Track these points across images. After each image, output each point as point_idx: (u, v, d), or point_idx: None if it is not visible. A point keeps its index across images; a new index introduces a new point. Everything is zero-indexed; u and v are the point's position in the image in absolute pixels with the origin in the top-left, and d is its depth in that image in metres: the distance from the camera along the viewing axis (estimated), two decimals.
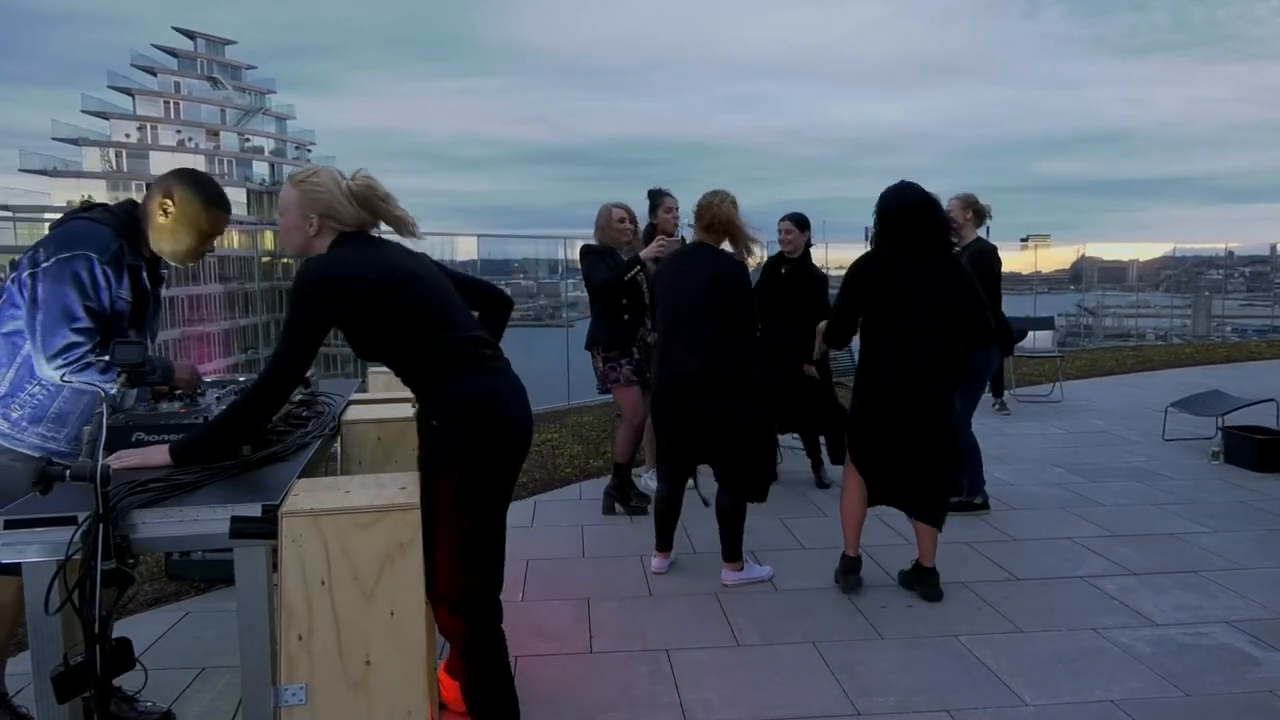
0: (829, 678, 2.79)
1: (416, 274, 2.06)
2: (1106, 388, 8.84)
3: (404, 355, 2.06)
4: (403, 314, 2.00)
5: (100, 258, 2.16)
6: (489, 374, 2.07)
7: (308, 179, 2.04)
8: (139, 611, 3.31)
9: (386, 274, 1.99)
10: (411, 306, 2.01)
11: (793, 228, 4.92)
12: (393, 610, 1.74)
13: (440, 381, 2.03)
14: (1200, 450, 5.88)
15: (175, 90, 54.90)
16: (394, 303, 1.98)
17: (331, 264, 1.98)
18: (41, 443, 2.21)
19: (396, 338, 2.02)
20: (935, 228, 3.26)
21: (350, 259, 1.99)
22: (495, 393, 2.06)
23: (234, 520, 1.68)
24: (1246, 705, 2.61)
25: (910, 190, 3.28)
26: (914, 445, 3.27)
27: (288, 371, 1.95)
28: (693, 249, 3.57)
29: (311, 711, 1.69)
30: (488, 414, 2.03)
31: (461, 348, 2.05)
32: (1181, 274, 17.27)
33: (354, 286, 1.95)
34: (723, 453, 3.44)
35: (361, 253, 2.01)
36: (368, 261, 1.99)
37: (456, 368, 2.03)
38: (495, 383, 2.07)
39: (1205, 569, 3.72)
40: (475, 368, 2.05)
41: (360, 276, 1.96)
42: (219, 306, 34.95)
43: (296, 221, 2.03)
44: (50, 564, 1.61)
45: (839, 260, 13.53)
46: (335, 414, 2.57)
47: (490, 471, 2.04)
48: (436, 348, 2.02)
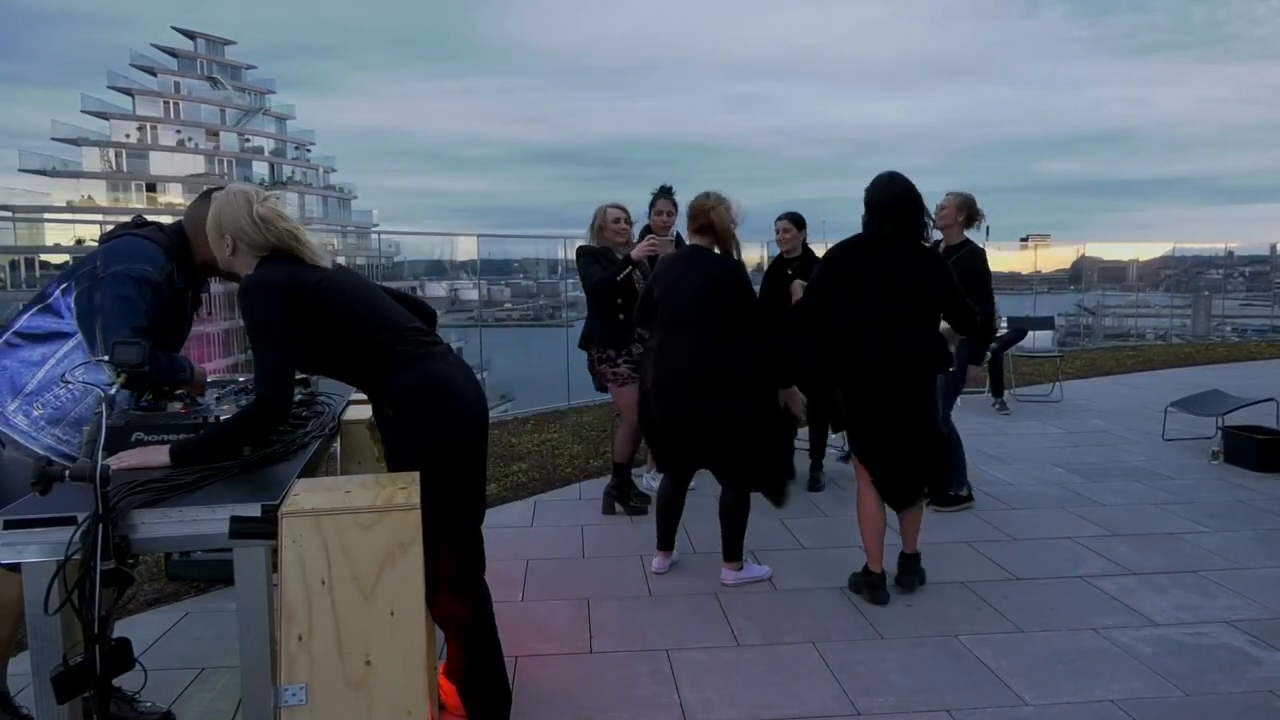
0: (829, 678, 2.79)
1: (343, 281, 2.15)
2: (1106, 387, 8.85)
3: (348, 358, 2.14)
4: (339, 318, 2.09)
5: (158, 274, 2.25)
6: (433, 359, 2.17)
7: (224, 199, 2.11)
8: (139, 611, 3.31)
9: (315, 282, 2.07)
10: (346, 310, 2.10)
11: (790, 226, 4.92)
12: (393, 610, 1.74)
13: (389, 373, 2.11)
14: (1200, 450, 5.88)
15: (175, 90, 54.87)
16: (330, 308, 2.07)
17: (262, 276, 2.06)
18: (56, 444, 2.23)
19: (338, 343, 2.10)
20: (917, 217, 3.28)
21: (276, 273, 2.06)
22: (443, 374, 2.16)
23: (234, 520, 1.68)
24: (1246, 705, 2.61)
25: (898, 179, 3.30)
26: (896, 432, 3.26)
27: (276, 379, 2.00)
28: (688, 252, 3.58)
29: (311, 711, 1.69)
30: (440, 394, 2.13)
31: (402, 339, 2.15)
32: (1181, 274, 17.27)
33: (286, 293, 2.02)
34: (721, 450, 3.43)
35: (286, 267, 2.08)
36: (294, 273, 2.07)
37: (401, 359, 2.12)
38: (439, 365, 2.18)
39: (1205, 569, 3.72)
40: (419, 355, 2.15)
41: (290, 285, 2.03)
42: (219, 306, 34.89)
43: (215, 238, 2.12)
44: (50, 564, 1.61)
45: None
46: (335, 414, 2.57)
47: (454, 447, 2.13)
48: (378, 345, 2.11)
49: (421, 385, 2.11)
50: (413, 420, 2.10)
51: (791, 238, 4.92)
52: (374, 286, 2.27)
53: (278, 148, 60.09)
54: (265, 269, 2.07)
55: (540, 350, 10.04)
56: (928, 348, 3.25)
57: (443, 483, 2.07)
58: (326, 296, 2.06)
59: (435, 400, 2.11)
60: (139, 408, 2.22)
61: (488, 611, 2.31)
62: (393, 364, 2.11)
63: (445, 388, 2.14)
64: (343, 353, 2.12)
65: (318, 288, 2.05)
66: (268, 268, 2.07)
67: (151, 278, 2.23)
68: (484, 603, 2.30)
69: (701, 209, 3.49)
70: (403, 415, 2.10)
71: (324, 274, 2.11)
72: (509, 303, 21.46)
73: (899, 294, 3.20)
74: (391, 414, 2.10)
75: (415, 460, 2.05)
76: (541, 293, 15.52)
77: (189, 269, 2.38)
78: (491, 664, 2.31)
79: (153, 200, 51.10)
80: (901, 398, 3.22)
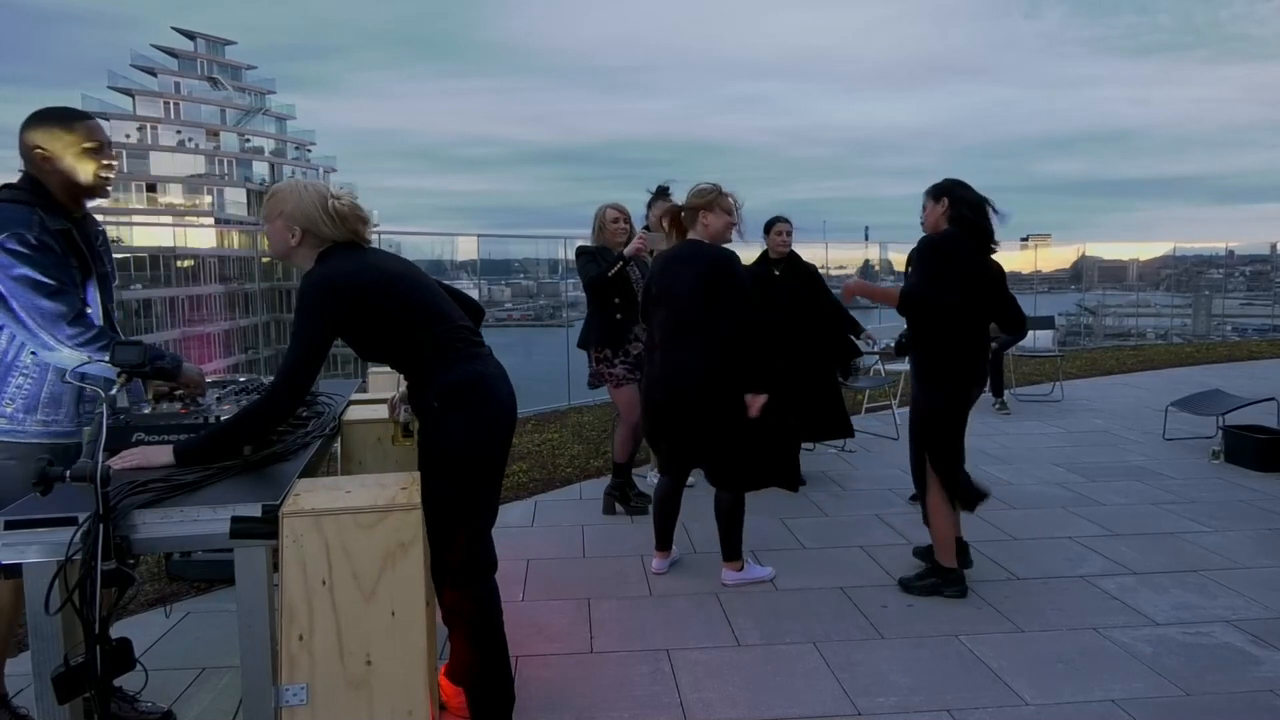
0: (829, 678, 2.79)
1: (405, 274, 2.21)
2: (1106, 387, 8.84)
3: (403, 349, 2.19)
4: (400, 311, 2.14)
5: (29, 231, 2.11)
6: (479, 360, 2.25)
7: (296, 191, 2.14)
8: (139, 611, 3.31)
9: (380, 276, 2.12)
10: (407, 303, 2.15)
11: (792, 229, 4.92)
12: (393, 610, 1.74)
13: (437, 368, 2.17)
14: (1200, 450, 5.88)
15: (175, 90, 54.90)
16: (391, 301, 2.13)
17: (328, 274, 2.09)
18: (44, 429, 2.21)
19: (396, 334, 2.15)
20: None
21: (344, 267, 2.11)
22: (486, 376, 2.23)
23: (234, 520, 1.68)
24: (1246, 705, 2.61)
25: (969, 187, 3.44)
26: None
27: (296, 380, 2.04)
28: (681, 247, 3.55)
29: (312, 711, 1.69)
30: (481, 395, 2.20)
31: (454, 336, 2.21)
32: (1182, 273, 17.25)
33: (353, 292, 2.08)
34: (714, 449, 3.43)
35: (352, 260, 2.13)
36: (360, 268, 2.12)
37: (451, 355, 2.19)
38: (484, 367, 2.25)
39: (1205, 568, 3.72)
40: (467, 354, 2.22)
41: (357, 283, 2.09)
42: (219, 306, 34.94)
43: (281, 230, 2.15)
44: (50, 564, 1.61)
45: (839, 260, 13.51)
46: (335, 414, 2.57)
47: (484, 447, 2.22)
48: (432, 338, 2.17)
49: (466, 383, 2.18)
50: (451, 416, 2.17)
51: (789, 240, 4.94)
52: (430, 281, 2.30)
53: (278, 148, 60.09)
54: (327, 265, 2.11)
55: (540, 350, 10.04)
56: None
57: (465, 480, 2.18)
58: (385, 292, 2.11)
59: (475, 400, 2.19)
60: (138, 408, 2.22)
61: (495, 611, 2.32)
62: (442, 360, 2.17)
63: (486, 390, 2.22)
64: (397, 344, 2.17)
65: (376, 284, 2.10)
66: (330, 263, 2.11)
67: (28, 238, 2.10)
68: (491, 602, 2.31)
69: (694, 207, 3.48)
70: (445, 409, 2.17)
71: (384, 269, 2.15)
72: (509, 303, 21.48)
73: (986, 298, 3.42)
74: (436, 405, 2.17)
75: (446, 453, 2.16)
76: (542, 293, 15.52)
77: (56, 206, 2.24)
78: (496, 665, 2.32)
79: (153, 200, 51.12)
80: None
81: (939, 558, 3.47)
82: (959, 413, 3.40)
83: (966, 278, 3.33)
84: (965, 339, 3.37)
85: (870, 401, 7.24)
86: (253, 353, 28.43)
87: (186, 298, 34.73)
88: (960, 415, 3.41)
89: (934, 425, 3.39)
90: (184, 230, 43.33)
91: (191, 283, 36.47)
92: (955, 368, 3.37)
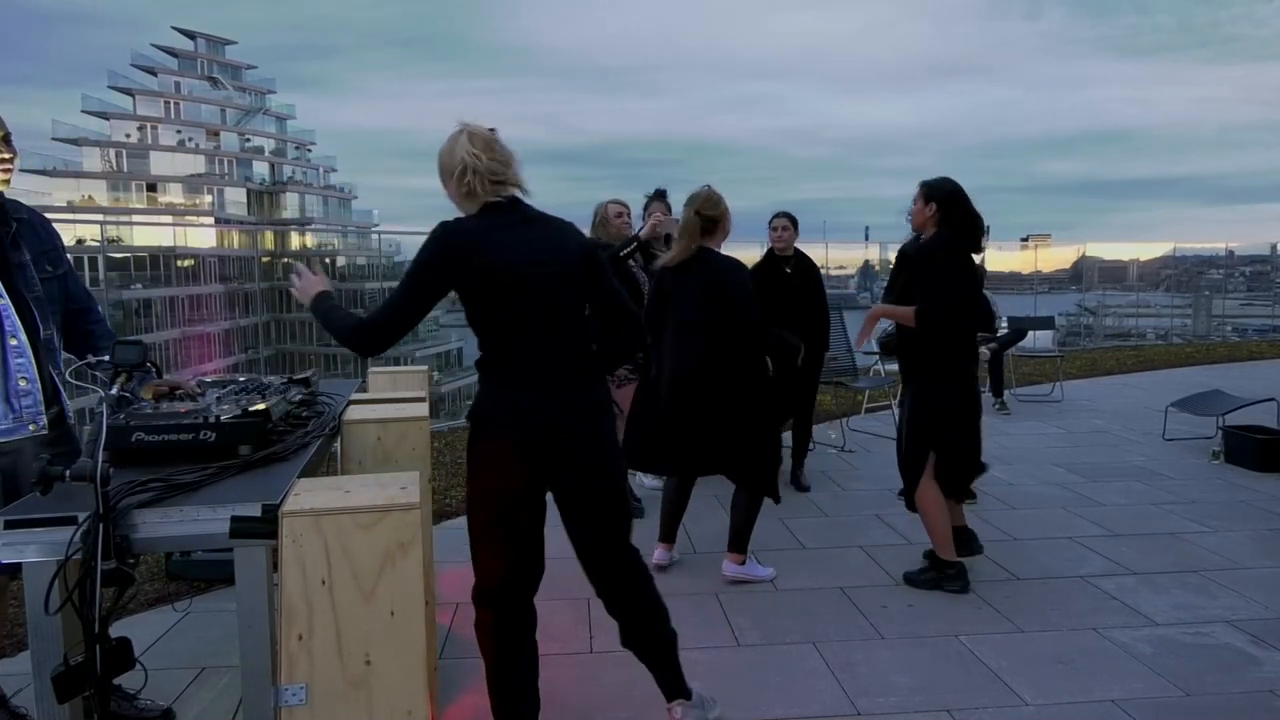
0: (829, 678, 2.79)
1: (521, 275, 2.07)
2: (1106, 387, 8.84)
3: (480, 340, 2.15)
4: (475, 305, 2.09)
5: None
6: (520, 389, 2.10)
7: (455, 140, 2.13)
8: (139, 611, 3.31)
9: (487, 265, 2.05)
10: (487, 301, 2.08)
11: (789, 225, 4.91)
12: (393, 610, 1.74)
13: (483, 379, 2.15)
14: (1200, 450, 5.88)
15: (175, 90, 54.89)
16: (476, 290, 2.07)
17: (451, 230, 2.08)
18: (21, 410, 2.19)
19: (475, 322, 2.12)
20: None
21: (469, 232, 2.08)
22: (512, 404, 2.11)
23: (234, 520, 1.68)
24: (1246, 705, 2.61)
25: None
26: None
27: (387, 319, 2.07)
28: (692, 256, 3.54)
29: (311, 711, 1.69)
30: (493, 423, 2.12)
31: (510, 355, 2.11)
32: (1182, 274, 17.26)
33: (452, 260, 2.05)
34: (736, 455, 3.44)
35: (488, 231, 2.08)
36: (481, 245, 2.06)
37: (498, 371, 2.13)
38: (517, 396, 2.11)
39: (1206, 568, 3.72)
40: (511, 377, 2.11)
41: (459, 258, 2.05)
42: (219, 306, 34.97)
43: (447, 180, 2.15)
44: (50, 564, 1.61)
45: (839, 260, 13.51)
46: (335, 414, 2.57)
47: (492, 473, 2.12)
48: (497, 348, 2.12)
49: (488, 401, 2.13)
50: (472, 430, 2.17)
51: (789, 236, 4.91)
52: (558, 289, 2.12)
53: (278, 148, 60.08)
54: (462, 224, 2.10)
55: None
56: None
57: (470, 501, 2.20)
58: (483, 281, 2.06)
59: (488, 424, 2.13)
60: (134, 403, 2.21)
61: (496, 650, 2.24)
62: (489, 374, 2.14)
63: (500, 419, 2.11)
64: (478, 330, 2.14)
65: (483, 270, 2.05)
66: (468, 222, 2.11)
67: None
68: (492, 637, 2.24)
69: (712, 214, 3.47)
70: (471, 424, 2.17)
71: (513, 256, 2.06)
72: None
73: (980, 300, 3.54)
74: (467, 419, 2.21)
75: (469, 463, 2.19)
76: None
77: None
78: (496, 676, 2.25)
79: (153, 200, 51.12)
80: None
81: (938, 552, 3.48)
82: (972, 407, 3.46)
83: (966, 278, 3.36)
84: (966, 337, 3.45)
85: (870, 401, 7.24)
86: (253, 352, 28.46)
87: (186, 297, 34.75)
88: (973, 410, 3.46)
89: (948, 422, 3.42)
90: (184, 230, 43.34)
91: (191, 282, 36.49)
92: (961, 364, 3.42)
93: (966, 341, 3.46)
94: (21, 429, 2.21)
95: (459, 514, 4.60)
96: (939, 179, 3.45)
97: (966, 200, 3.40)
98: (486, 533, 2.18)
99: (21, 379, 2.20)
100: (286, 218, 56.20)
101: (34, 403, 2.23)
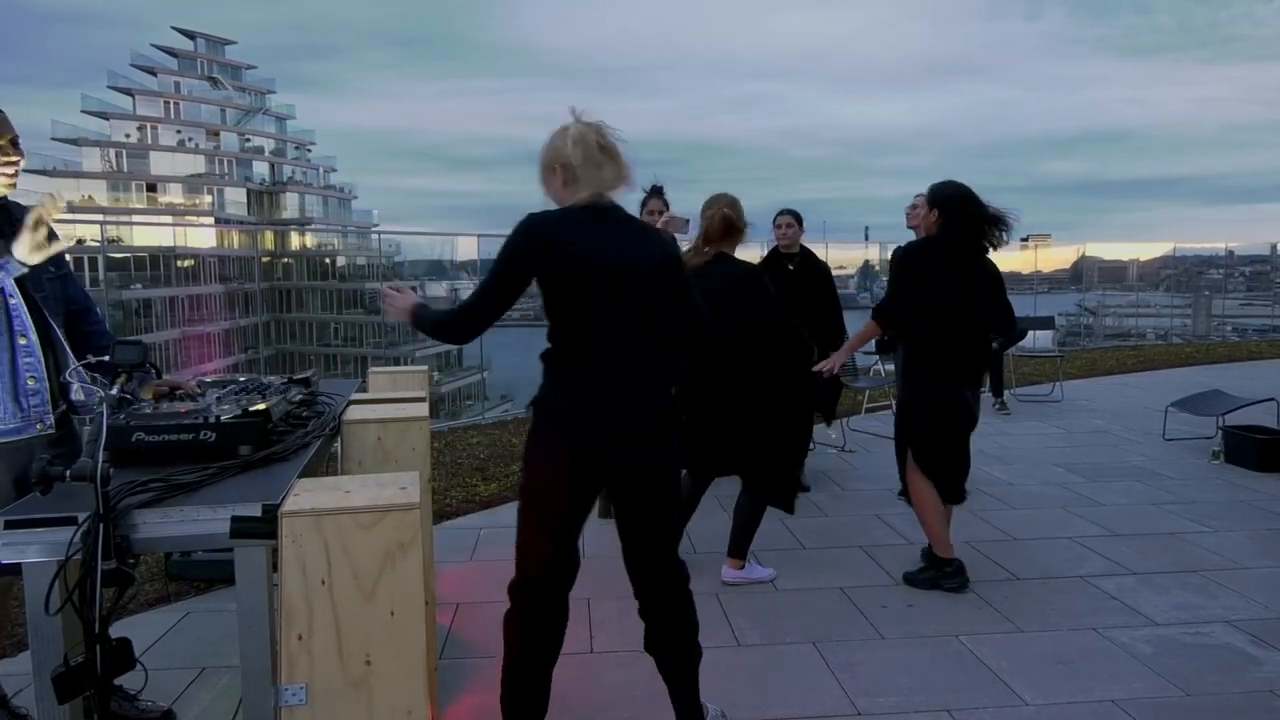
0: (829, 678, 2.79)
1: (607, 273, 2.08)
2: (1106, 387, 8.84)
3: (554, 333, 2.16)
4: (567, 299, 2.10)
5: None
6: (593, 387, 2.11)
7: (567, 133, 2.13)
8: (139, 611, 3.31)
9: (571, 257, 2.06)
10: (565, 299, 2.10)
11: (794, 222, 4.90)
12: (393, 610, 1.74)
13: (552, 373, 2.15)
14: (1200, 450, 5.88)
15: (175, 90, 54.89)
16: (556, 286, 2.10)
17: (536, 222, 2.09)
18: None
19: (554, 314, 2.14)
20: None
21: (555, 225, 2.09)
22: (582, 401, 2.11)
23: (234, 520, 1.68)
24: (1246, 705, 2.61)
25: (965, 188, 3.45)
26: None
27: (475, 309, 2.13)
28: (708, 261, 3.53)
29: (311, 711, 1.69)
30: (562, 418, 2.12)
31: (586, 352, 2.12)
32: (1181, 274, 17.26)
33: (537, 250, 2.07)
34: (751, 457, 3.44)
35: (576, 226, 2.08)
36: (568, 239, 2.06)
37: (572, 367, 2.13)
38: (588, 394, 2.11)
39: (1205, 569, 3.72)
40: (584, 373, 2.12)
41: (544, 249, 2.07)
42: (219, 307, 34.96)
43: (551, 169, 2.16)
44: (51, 564, 1.61)
45: (839, 260, 13.51)
46: (335, 414, 2.57)
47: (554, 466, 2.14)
48: (573, 343, 2.12)
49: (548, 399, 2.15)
50: (533, 424, 2.19)
51: (793, 233, 4.90)
52: (643, 298, 2.13)
53: (278, 148, 60.09)
54: (553, 215, 2.11)
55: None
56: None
57: (525, 485, 2.22)
58: (568, 275, 2.07)
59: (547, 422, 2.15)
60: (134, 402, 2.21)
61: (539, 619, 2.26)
62: (552, 371, 2.15)
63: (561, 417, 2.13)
64: (550, 322, 2.16)
65: (569, 263, 2.06)
66: (559, 214, 2.12)
67: None
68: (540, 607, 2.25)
69: (706, 222, 3.46)
70: (532, 417, 2.18)
71: (598, 256, 2.07)
72: None
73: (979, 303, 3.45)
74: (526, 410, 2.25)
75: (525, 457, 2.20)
76: None
77: None
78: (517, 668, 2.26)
79: (153, 200, 51.13)
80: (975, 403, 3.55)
81: (934, 549, 3.49)
82: (951, 411, 3.42)
83: (942, 284, 3.37)
84: (951, 340, 3.40)
85: (870, 401, 7.24)
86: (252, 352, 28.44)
87: (186, 297, 34.74)
88: (952, 414, 3.43)
89: (921, 421, 3.44)
90: (184, 230, 43.34)
91: (191, 282, 36.49)
92: (942, 366, 3.40)
93: (953, 345, 3.41)
94: (29, 428, 2.22)
95: (459, 514, 4.60)
96: (943, 183, 3.47)
97: (968, 204, 3.39)
98: (541, 524, 2.19)
99: (30, 378, 2.21)
100: (286, 218, 56.23)
101: (41, 402, 2.25)
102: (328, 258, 43.97)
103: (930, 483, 3.47)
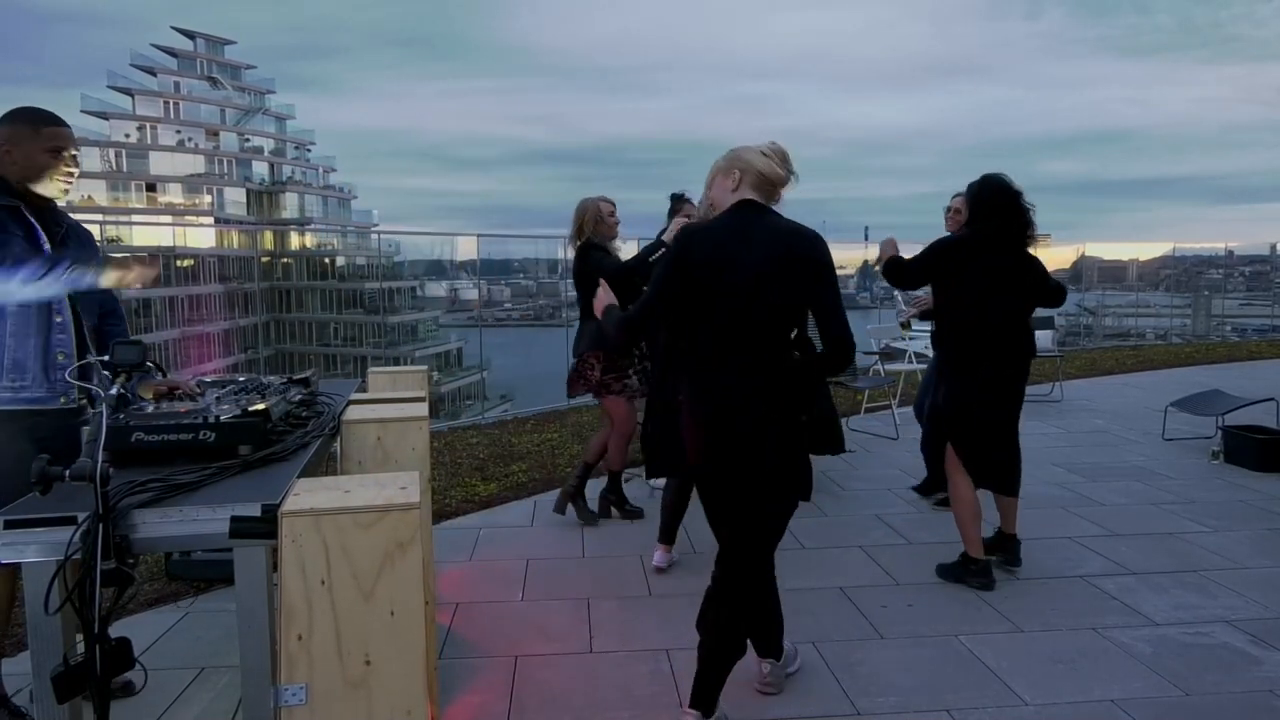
0: (829, 678, 2.79)
1: (723, 280, 2.21)
2: (1106, 387, 8.84)
3: (686, 331, 2.32)
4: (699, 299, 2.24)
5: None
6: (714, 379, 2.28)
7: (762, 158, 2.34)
8: (139, 611, 3.31)
9: (709, 262, 2.22)
10: (689, 297, 2.25)
11: None
12: (393, 610, 1.74)
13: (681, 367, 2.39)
14: (1200, 450, 5.88)
15: (175, 90, 54.92)
16: (701, 289, 2.24)
17: (688, 234, 2.32)
18: (13, 394, 2.28)
19: (690, 313, 2.29)
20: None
21: (703, 233, 2.29)
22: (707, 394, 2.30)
23: (234, 520, 1.68)
24: (1246, 705, 2.61)
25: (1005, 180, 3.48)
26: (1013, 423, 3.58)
27: (640, 313, 2.35)
28: None
29: (311, 711, 1.69)
30: (692, 412, 2.33)
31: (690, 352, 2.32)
32: (1181, 274, 17.26)
33: (685, 258, 2.25)
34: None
35: (722, 231, 2.26)
36: (711, 244, 2.24)
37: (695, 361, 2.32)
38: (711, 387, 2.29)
39: (1205, 568, 3.72)
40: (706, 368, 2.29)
41: (690, 256, 2.25)
42: (219, 306, 34.97)
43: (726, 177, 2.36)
44: (50, 564, 1.61)
45: (839, 259, 13.52)
46: (335, 414, 2.57)
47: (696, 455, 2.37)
48: (702, 342, 2.28)
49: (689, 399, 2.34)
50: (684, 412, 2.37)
51: None
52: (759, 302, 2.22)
53: (278, 148, 60.10)
54: (705, 223, 2.33)
55: (540, 350, 10.06)
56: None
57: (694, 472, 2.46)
58: (704, 278, 2.22)
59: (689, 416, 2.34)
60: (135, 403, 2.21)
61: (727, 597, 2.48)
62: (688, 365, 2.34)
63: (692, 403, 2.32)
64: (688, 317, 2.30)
65: (697, 272, 2.22)
66: (719, 219, 2.30)
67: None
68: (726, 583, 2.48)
69: None
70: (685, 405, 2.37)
71: (732, 257, 2.21)
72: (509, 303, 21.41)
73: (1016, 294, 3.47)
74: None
75: None
76: (541, 293, 15.52)
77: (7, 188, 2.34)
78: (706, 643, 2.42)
79: (152, 200, 51.14)
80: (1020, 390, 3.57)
81: (966, 549, 3.53)
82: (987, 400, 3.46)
83: (972, 277, 3.41)
84: (980, 332, 3.44)
85: (870, 401, 7.24)
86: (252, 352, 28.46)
87: (186, 297, 34.74)
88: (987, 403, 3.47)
89: (958, 413, 3.49)
90: (184, 230, 43.33)
91: (191, 282, 36.48)
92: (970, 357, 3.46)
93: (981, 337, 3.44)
94: (54, 399, 2.35)
95: (459, 514, 4.61)
96: (980, 178, 3.53)
97: (991, 197, 3.43)
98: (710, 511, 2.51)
99: (60, 354, 2.35)
100: (286, 218, 56.24)
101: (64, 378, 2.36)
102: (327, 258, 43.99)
103: (970, 481, 3.51)
